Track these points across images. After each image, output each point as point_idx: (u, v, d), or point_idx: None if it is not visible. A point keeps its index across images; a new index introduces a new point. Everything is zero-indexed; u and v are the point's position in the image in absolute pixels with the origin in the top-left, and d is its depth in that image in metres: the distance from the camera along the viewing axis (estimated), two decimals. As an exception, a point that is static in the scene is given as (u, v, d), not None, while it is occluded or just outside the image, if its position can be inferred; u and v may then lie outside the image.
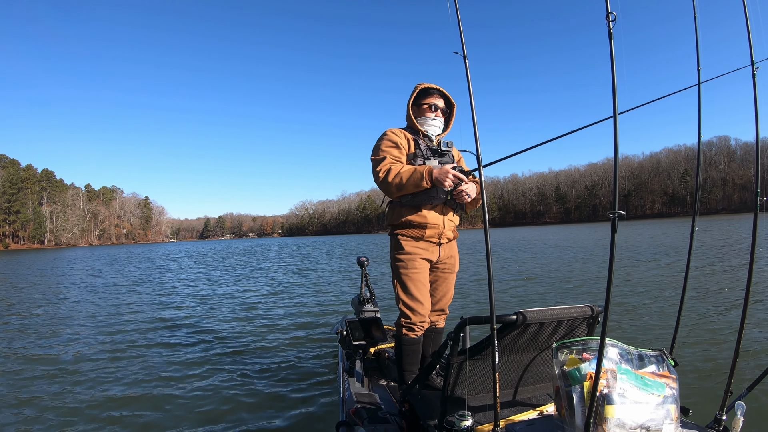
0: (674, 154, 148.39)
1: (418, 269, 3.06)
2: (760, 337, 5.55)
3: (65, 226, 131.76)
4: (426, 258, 3.08)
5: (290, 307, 9.62)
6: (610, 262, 1.60)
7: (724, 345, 5.34)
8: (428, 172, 2.85)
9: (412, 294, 3.03)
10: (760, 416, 3.46)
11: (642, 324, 6.61)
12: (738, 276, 10.61)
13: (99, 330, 7.78)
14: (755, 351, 5.20)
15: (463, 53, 2.10)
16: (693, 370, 4.59)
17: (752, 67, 2.10)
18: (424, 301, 3.06)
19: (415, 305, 3.03)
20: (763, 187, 2.20)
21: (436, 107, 3.21)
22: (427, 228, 3.03)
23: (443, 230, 3.06)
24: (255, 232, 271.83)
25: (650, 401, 1.73)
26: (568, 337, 2.15)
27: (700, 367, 4.69)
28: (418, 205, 3.02)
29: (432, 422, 2.32)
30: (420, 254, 3.06)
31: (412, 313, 3.03)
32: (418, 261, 3.06)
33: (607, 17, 1.60)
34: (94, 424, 3.99)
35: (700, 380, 4.34)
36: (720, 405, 2.07)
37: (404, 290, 3.06)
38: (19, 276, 21.17)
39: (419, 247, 3.06)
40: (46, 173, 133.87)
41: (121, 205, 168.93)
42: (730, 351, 4.81)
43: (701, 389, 4.12)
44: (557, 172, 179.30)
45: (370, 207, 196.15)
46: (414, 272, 3.04)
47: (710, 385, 4.19)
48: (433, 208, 3.04)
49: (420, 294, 3.04)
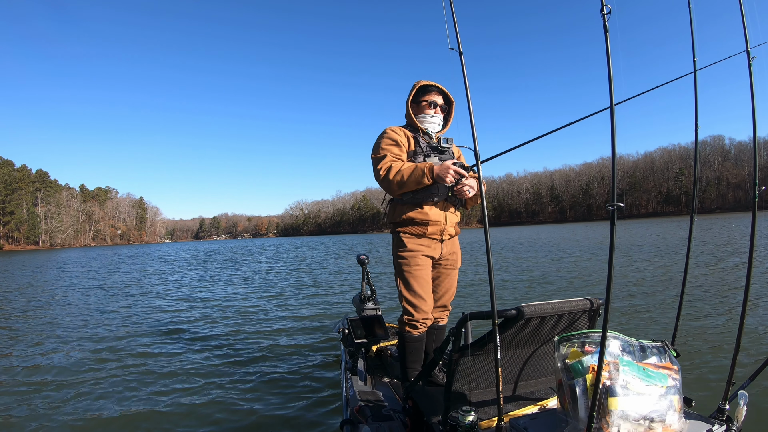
0: (669, 153, 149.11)
1: (421, 266, 3.07)
2: (761, 327, 5.58)
3: (59, 227, 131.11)
4: (428, 255, 3.09)
5: (291, 307, 9.61)
6: (610, 254, 1.61)
7: (726, 335, 5.37)
8: (429, 168, 2.86)
9: (415, 291, 3.04)
10: (762, 406, 3.49)
11: (643, 316, 6.65)
12: (738, 269, 10.68)
13: (100, 336, 7.74)
14: (758, 334, 5.23)
15: (459, 49, 2.10)
16: (695, 360, 4.62)
17: (747, 56, 2.11)
18: (427, 298, 3.07)
19: (417, 302, 3.04)
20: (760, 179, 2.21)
21: (435, 104, 3.21)
22: (429, 225, 3.05)
23: (445, 227, 3.08)
24: (250, 232, 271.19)
25: (653, 392, 1.73)
26: (569, 330, 2.16)
27: (702, 357, 4.72)
28: (420, 203, 3.04)
29: (436, 418, 2.32)
30: (422, 251, 3.07)
31: (414, 310, 3.04)
32: (420, 258, 3.07)
33: (602, 10, 1.60)
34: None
35: (703, 370, 4.37)
36: (722, 395, 2.08)
37: (407, 287, 3.07)
38: (6, 280, 21.01)
39: (421, 244, 3.08)
40: (41, 174, 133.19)
41: (115, 206, 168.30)
42: (731, 341, 4.85)
43: (704, 379, 4.15)
44: (552, 171, 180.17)
45: (365, 207, 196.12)
46: (416, 269, 3.06)
47: (712, 375, 4.22)
48: (435, 205, 3.05)
49: (422, 291, 3.05)
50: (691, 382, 4.02)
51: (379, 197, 3.68)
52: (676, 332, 2.51)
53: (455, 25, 2.12)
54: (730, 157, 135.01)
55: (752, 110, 2.17)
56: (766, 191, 2.22)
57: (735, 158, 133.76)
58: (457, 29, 2.11)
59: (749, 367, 2.25)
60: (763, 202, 2.19)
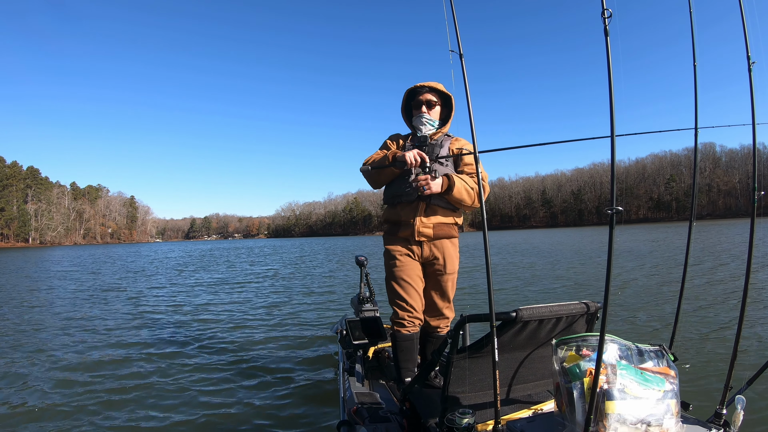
0: (660, 159, 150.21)
1: (399, 266, 3.09)
2: (759, 331, 5.61)
3: (50, 224, 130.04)
4: (409, 255, 3.10)
5: (289, 308, 9.61)
6: (609, 258, 1.61)
7: (724, 339, 5.40)
8: (393, 152, 2.94)
9: (396, 290, 3.08)
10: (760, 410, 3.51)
11: (641, 320, 6.67)
12: (736, 273, 10.73)
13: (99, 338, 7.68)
14: (758, 336, 5.25)
15: (459, 51, 2.10)
16: (693, 364, 4.64)
17: (748, 61, 2.12)
18: (408, 297, 3.06)
19: (400, 301, 3.07)
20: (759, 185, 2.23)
21: (421, 103, 3.19)
22: (401, 225, 3.09)
23: (418, 227, 3.03)
24: (241, 233, 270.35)
25: (650, 396, 1.74)
26: (567, 333, 2.17)
27: (700, 361, 4.74)
28: (394, 203, 3.11)
29: (433, 420, 2.32)
30: (400, 251, 3.11)
31: (399, 309, 3.07)
32: (399, 258, 3.10)
33: (603, 13, 1.61)
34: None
35: (700, 375, 4.39)
36: (720, 399, 2.09)
37: (389, 287, 3.13)
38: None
39: (398, 244, 3.12)
40: (32, 170, 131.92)
41: (106, 204, 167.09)
42: (729, 345, 4.86)
43: (701, 384, 4.17)
44: (543, 176, 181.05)
45: (356, 209, 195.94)
46: (397, 270, 3.09)
47: (710, 379, 4.24)
48: (407, 205, 3.06)
49: (403, 290, 3.06)
50: (689, 387, 4.04)
51: (371, 200, 3.71)
52: (674, 336, 2.52)
53: (456, 27, 2.13)
54: (721, 164, 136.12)
55: (752, 115, 2.19)
56: (764, 196, 2.23)
57: (726, 165, 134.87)
58: (458, 31, 2.12)
59: (747, 372, 2.25)
60: (762, 209, 2.21)
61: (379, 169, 3.01)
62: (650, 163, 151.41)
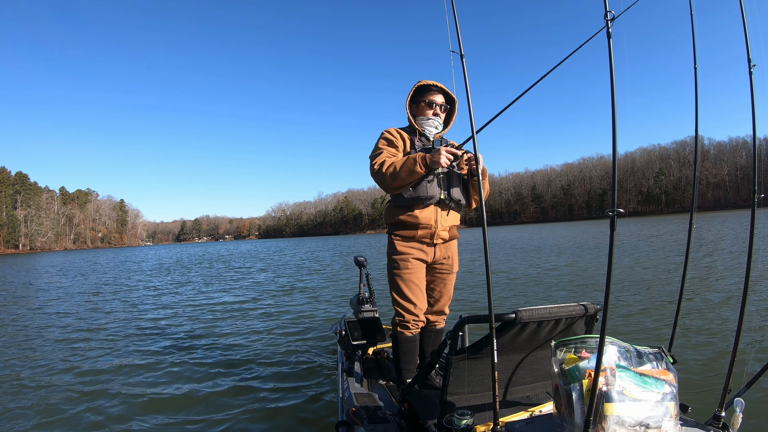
0: (648, 153, 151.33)
1: (410, 270, 3.07)
2: (758, 334, 5.62)
3: (39, 230, 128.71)
4: (420, 258, 3.09)
5: (288, 308, 9.59)
6: (609, 260, 1.61)
7: (723, 342, 5.40)
8: (422, 156, 2.85)
9: (404, 294, 3.06)
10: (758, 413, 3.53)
11: (640, 322, 6.68)
12: (736, 273, 10.75)
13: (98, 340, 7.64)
14: (755, 342, 5.27)
15: (460, 51, 2.10)
16: (692, 367, 4.63)
17: (749, 64, 2.13)
18: (417, 300, 3.07)
19: (407, 304, 3.06)
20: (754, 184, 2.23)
21: (434, 104, 3.19)
22: (419, 228, 3.04)
23: (436, 230, 3.05)
24: (232, 234, 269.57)
25: (649, 398, 1.74)
26: (566, 335, 2.17)
27: (699, 364, 4.73)
28: (410, 205, 3.03)
29: (432, 421, 2.32)
30: (413, 254, 3.07)
31: (405, 312, 3.07)
32: (411, 261, 3.07)
33: (606, 15, 1.60)
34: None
35: (699, 377, 4.39)
36: (719, 402, 2.10)
37: (397, 290, 3.09)
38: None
39: (412, 247, 3.08)
40: (20, 176, 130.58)
41: (96, 208, 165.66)
42: (728, 348, 4.87)
43: (700, 386, 4.17)
44: (533, 172, 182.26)
45: (347, 208, 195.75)
46: (406, 272, 3.06)
47: (709, 382, 4.24)
48: (426, 208, 3.03)
49: (412, 294, 3.06)
50: (688, 389, 4.03)
51: (361, 198, 3.68)
52: (673, 338, 2.53)
53: (457, 27, 2.12)
54: (709, 156, 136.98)
55: (752, 118, 2.20)
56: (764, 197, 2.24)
57: (714, 158, 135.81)
58: (459, 32, 2.11)
59: (746, 375, 2.26)
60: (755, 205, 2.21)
61: (409, 172, 2.88)
62: (639, 157, 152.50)
